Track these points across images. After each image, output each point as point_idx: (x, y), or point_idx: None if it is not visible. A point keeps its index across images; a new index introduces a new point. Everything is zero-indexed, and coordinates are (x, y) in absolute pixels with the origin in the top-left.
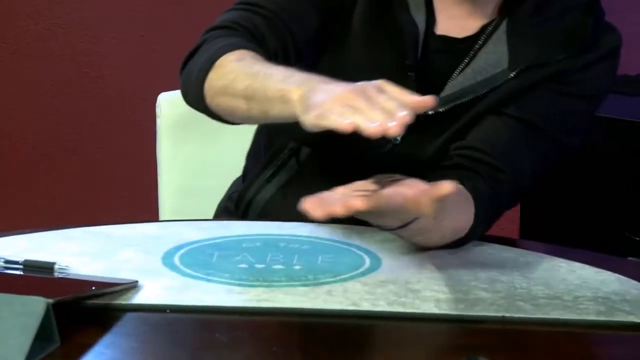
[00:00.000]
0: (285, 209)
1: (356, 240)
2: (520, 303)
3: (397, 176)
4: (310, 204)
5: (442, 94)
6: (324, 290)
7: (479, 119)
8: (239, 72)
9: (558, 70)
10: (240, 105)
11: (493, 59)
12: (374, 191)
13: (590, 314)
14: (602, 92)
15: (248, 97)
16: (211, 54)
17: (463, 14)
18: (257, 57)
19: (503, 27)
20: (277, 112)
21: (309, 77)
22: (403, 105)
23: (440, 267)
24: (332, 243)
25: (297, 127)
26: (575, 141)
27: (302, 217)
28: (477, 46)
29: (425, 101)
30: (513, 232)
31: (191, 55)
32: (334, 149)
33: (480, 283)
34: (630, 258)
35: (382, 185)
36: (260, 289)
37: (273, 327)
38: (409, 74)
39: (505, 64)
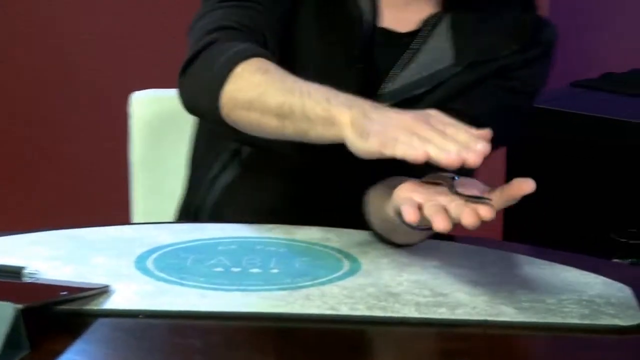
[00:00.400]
0: (234, 210)
1: (334, 243)
2: (503, 307)
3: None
4: (440, 218)
5: (387, 89)
6: (301, 295)
7: None
8: (269, 87)
9: (502, 66)
10: (270, 122)
11: (438, 54)
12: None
13: (574, 318)
14: (541, 88)
15: (283, 115)
16: (226, 62)
17: (405, 5)
18: (280, 68)
19: (446, 21)
20: (319, 133)
21: (356, 99)
22: (471, 136)
23: (420, 270)
24: (309, 246)
25: (219, 123)
26: (515, 136)
27: (252, 217)
28: (420, 40)
29: (485, 135)
30: (496, 233)
31: (194, 58)
32: (277, 148)
33: (462, 286)
34: (615, 260)
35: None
36: (236, 294)
37: (249, 333)
38: (358, 65)
39: (450, 60)
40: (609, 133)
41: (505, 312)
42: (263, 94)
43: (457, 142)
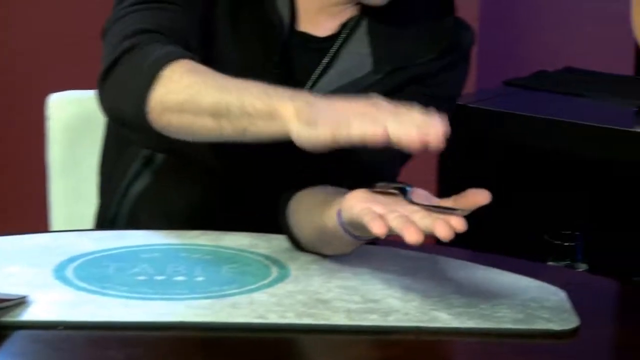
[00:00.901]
0: (150, 217)
1: (262, 249)
2: (435, 312)
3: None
4: (411, 231)
5: None
6: (228, 303)
7: None
8: (202, 86)
9: (422, 72)
10: (205, 123)
11: (357, 60)
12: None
13: (508, 323)
14: (459, 92)
15: (219, 113)
16: (151, 65)
17: (322, 8)
18: (210, 69)
19: (364, 26)
20: (260, 129)
21: (296, 92)
22: (427, 117)
23: (351, 276)
24: (236, 252)
25: (146, 130)
26: None
27: (169, 225)
28: (338, 44)
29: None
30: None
31: (115, 62)
32: (193, 153)
33: (394, 292)
34: (550, 263)
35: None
36: (160, 303)
37: (174, 343)
38: (275, 71)
39: (369, 66)
40: (543, 133)
41: (438, 317)
42: (196, 94)
43: (414, 124)
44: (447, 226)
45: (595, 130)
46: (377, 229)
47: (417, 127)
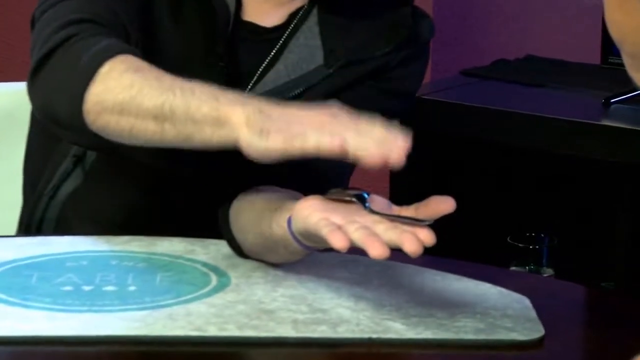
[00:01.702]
0: (80, 222)
1: (200, 255)
2: (389, 322)
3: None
4: (376, 245)
5: (253, 92)
6: (164, 314)
7: None
8: (144, 86)
9: (378, 67)
10: (146, 127)
11: (306, 53)
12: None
13: (468, 333)
14: (417, 88)
15: (162, 117)
16: (89, 60)
17: None
18: (153, 67)
19: (314, 16)
20: (207, 137)
21: (248, 97)
22: (389, 132)
23: (297, 285)
24: (172, 259)
25: (81, 130)
26: None
27: (101, 230)
28: (286, 35)
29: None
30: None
31: (48, 55)
32: (127, 152)
33: (344, 301)
34: (513, 268)
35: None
36: (89, 315)
37: (104, 359)
38: (220, 64)
39: (320, 60)
40: (503, 126)
41: (392, 328)
42: (137, 94)
43: (374, 139)
44: (416, 240)
45: (560, 124)
46: (338, 243)
47: (377, 142)
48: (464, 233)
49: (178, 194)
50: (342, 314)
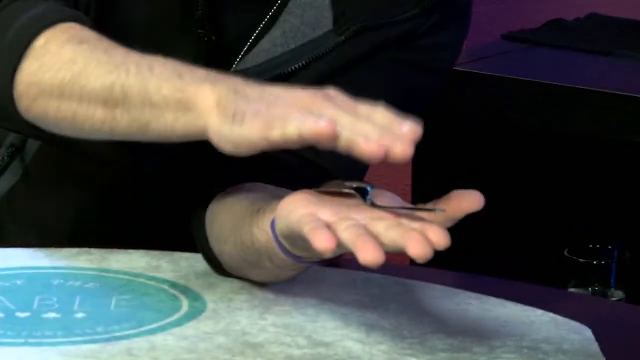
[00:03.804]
0: (16, 230)
1: (167, 273)
2: (411, 359)
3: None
4: (368, 247)
5: (242, 66)
6: (121, 349)
7: None
8: (89, 62)
9: (401, 34)
10: (93, 113)
11: (311, 16)
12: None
13: None
14: (452, 63)
15: (113, 101)
16: (20, 30)
17: None
18: (102, 36)
19: None
20: (168, 124)
21: (220, 74)
22: (394, 117)
23: (292, 310)
24: (130, 278)
25: (12, 120)
26: None
27: (43, 240)
28: None
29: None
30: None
31: None
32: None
33: (352, 331)
34: (571, 289)
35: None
36: (25, 350)
37: None
38: (199, 31)
39: (329, 24)
40: (557, 107)
41: None
42: (81, 72)
43: (375, 124)
44: (422, 241)
45: (632, 103)
46: (320, 243)
47: (379, 128)
48: (508, 243)
49: (140, 196)
50: (351, 349)
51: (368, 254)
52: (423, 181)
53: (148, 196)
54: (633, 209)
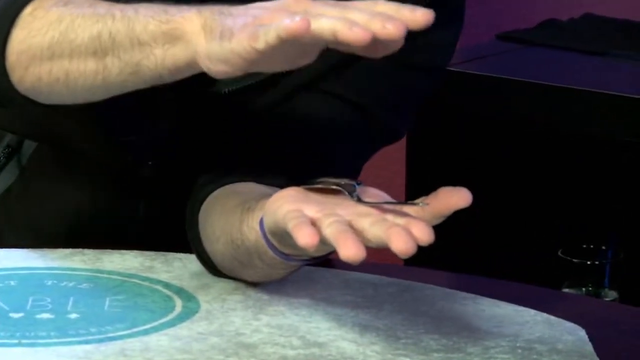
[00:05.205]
0: (12, 231)
1: (161, 274)
2: (405, 359)
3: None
4: (349, 244)
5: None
6: (114, 349)
7: (287, 100)
8: (75, 17)
9: None
10: (85, 67)
11: None
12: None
13: None
14: (446, 63)
15: (102, 49)
16: (6, 3)
17: None
18: None
19: None
20: (159, 60)
21: (198, 6)
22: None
23: (286, 311)
24: (124, 279)
25: (7, 99)
26: (402, 129)
27: (38, 241)
28: None
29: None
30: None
31: None
32: (74, 142)
33: (346, 332)
34: (565, 289)
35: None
36: (18, 350)
37: None
38: None
39: None
40: (552, 107)
41: None
42: (68, 28)
43: (365, 12)
44: (406, 236)
45: (626, 103)
46: (303, 239)
47: (367, 14)
48: (502, 244)
49: (135, 194)
50: (345, 349)
51: (349, 250)
52: (417, 181)
53: (146, 196)
54: (627, 209)
